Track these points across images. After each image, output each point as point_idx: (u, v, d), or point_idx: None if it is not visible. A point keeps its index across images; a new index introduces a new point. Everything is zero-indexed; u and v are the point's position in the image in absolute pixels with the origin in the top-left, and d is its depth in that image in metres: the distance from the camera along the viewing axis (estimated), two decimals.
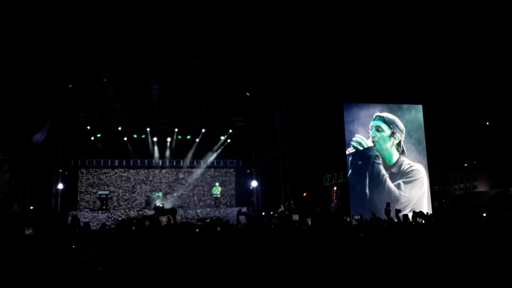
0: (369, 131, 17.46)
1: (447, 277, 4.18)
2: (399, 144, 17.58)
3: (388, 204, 13.72)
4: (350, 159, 17.06)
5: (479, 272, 3.98)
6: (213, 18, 13.12)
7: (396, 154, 17.47)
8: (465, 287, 3.97)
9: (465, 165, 23.82)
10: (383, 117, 17.70)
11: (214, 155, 22.24)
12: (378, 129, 17.54)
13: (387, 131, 17.55)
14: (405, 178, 17.33)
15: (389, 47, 15.75)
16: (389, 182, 17.10)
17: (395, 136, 17.57)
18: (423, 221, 7.08)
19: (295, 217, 15.57)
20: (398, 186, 17.19)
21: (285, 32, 14.33)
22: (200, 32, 13.91)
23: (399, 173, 17.35)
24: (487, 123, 21.41)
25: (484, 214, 15.56)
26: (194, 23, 13.33)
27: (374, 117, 17.65)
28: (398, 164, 17.45)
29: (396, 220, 7.12)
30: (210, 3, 12.54)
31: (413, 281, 4.26)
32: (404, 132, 17.71)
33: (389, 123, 17.64)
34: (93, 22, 12.94)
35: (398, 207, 14.53)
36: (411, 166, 17.51)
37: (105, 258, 3.88)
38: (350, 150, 17.12)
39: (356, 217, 9.16)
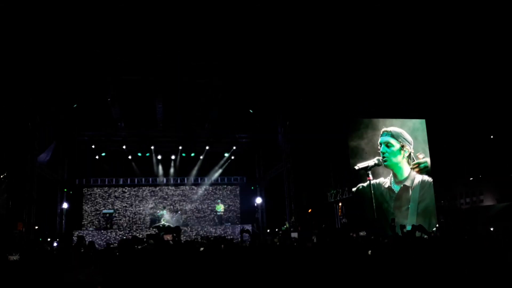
0: (378, 148, 17.37)
1: None
2: (409, 156, 17.51)
3: (393, 220, 13.62)
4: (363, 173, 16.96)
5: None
6: (216, 33, 13.25)
7: (408, 168, 17.38)
8: None
9: (471, 179, 23.65)
10: (390, 131, 17.64)
11: (218, 172, 22.24)
12: (387, 144, 17.43)
13: (396, 145, 17.48)
14: (421, 193, 17.25)
15: (392, 62, 15.82)
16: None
17: (404, 149, 17.51)
18: (426, 236, 7.03)
19: (294, 234, 15.43)
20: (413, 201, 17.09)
21: (288, 48, 14.45)
22: (203, 48, 14.04)
23: (413, 186, 17.23)
24: (491, 137, 21.33)
25: (492, 229, 15.41)
26: (196, 38, 13.47)
27: (381, 133, 17.58)
28: (411, 177, 17.35)
29: (400, 235, 7.07)
30: (212, 18, 12.67)
31: None
32: (412, 144, 17.65)
33: (397, 137, 17.58)
34: (98, 40, 13.10)
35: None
36: (425, 182, 17.45)
37: (104, 277, 3.86)
38: (361, 165, 16.98)
39: (362, 233, 9.12)
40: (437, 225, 16.81)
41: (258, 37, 13.59)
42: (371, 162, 17.05)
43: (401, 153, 17.47)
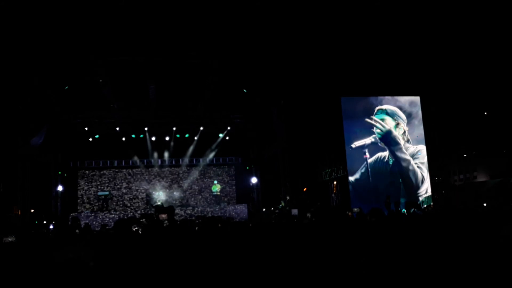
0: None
1: (446, 271, 4.17)
2: (404, 133, 17.64)
3: (388, 197, 13.71)
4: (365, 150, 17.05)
5: (476, 266, 3.97)
6: (208, 15, 13.07)
7: (402, 143, 17.56)
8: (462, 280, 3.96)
9: (464, 155, 23.82)
10: (385, 109, 17.69)
11: (213, 153, 22.22)
12: (382, 121, 17.57)
13: (391, 122, 17.58)
14: (416, 160, 17.43)
15: (385, 39, 15.70)
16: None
17: (399, 126, 17.63)
18: (419, 212, 7.08)
19: (294, 211, 15.56)
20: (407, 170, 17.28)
21: (280, 27, 14.27)
22: (195, 28, 13.85)
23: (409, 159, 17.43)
24: (485, 113, 21.40)
25: (485, 204, 15.58)
26: (189, 19, 13.28)
27: (376, 111, 17.62)
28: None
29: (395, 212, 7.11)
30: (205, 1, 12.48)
31: (412, 275, 4.24)
32: (406, 121, 17.75)
33: (392, 114, 17.67)
34: (88, 21, 12.87)
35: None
36: (417, 149, 17.62)
37: (96, 254, 3.85)
38: (358, 143, 17.06)
39: (356, 209, 9.18)
40: (431, 203, 17.00)
41: (251, 16, 13.41)
42: (367, 140, 17.13)
43: (396, 130, 17.58)
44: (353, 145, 17.09)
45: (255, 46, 15.12)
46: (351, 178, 17.01)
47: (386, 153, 17.30)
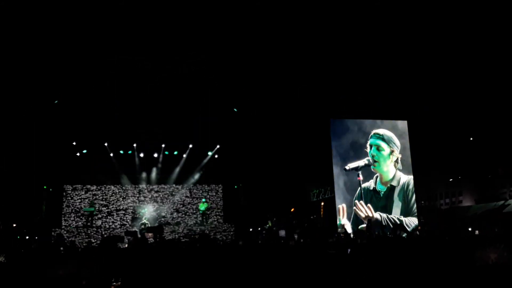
0: (367, 149, 17.52)
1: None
2: (397, 161, 17.73)
3: (369, 221, 13.80)
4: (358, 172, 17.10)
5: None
6: (200, 32, 13.24)
7: (393, 169, 17.62)
8: None
9: (450, 180, 24.06)
10: (382, 135, 17.72)
11: (202, 171, 22.11)
12: (378, 148, 17.61)
13: (386, 149, 17.67)
14: (407, 193, 17.50)
15: (373, 63, 16.00)
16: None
17: (393, 154, 17.71)
18: (405, 235, 7.14)
19: (282, 233, 15.51)
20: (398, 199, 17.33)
21: (272, 47, 14.49)
22: (188, 42, 14.00)
23: (398, 186, 17.45)
24: (471, 139, 21.75)
25: (470, 229, 15.70)
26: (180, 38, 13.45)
27: (372, 134, 17.70)
28: (396, 177, 17.57)
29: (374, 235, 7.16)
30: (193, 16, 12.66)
31: None
32: (399, 148, 17.86)
33: (388, 141, 17.74)
34: (82, 29, 12.94)
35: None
36: (408, 179, 17.70)
37: (89, 271, 3.82)
38: (352, 165, 17.11)
39: (340, 230, 9.24)
40: (418, 226, 17.08)
41: (243, 33, 13.62)
42: (361, 163, 17.22)
43: (390, 157, 17.68)
44: (347, 167, 17.12)
45: (247, 64, 15.30)
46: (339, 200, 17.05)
47: (375, 178, 17.37)
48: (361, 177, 17.06)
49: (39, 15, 12.01)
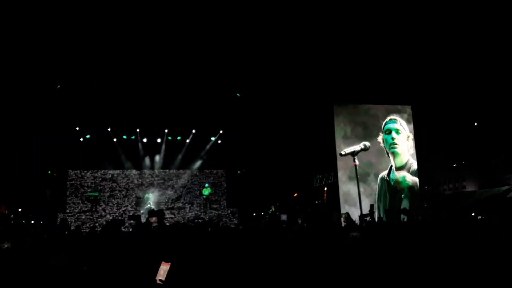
0: (380, 134, 17.51)
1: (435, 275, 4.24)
2: (411, 146, 17.78)
3: (372, 206, 13.81)
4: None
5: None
6: (200, 23, 13.16)
7: (407, 155, 17.63)
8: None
9: (454, 165, 24.03)
10: (399, 120, 17.78)
11: (205, 156, 22.15)
12: (397, 131, 17.63)
13: (403, 133, 17.74)
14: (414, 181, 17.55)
15: (377, 48, 15.87)
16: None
17: (409, 139, 17.79)
18: (405, 219, 7.16)
19: (283, 217, 15.57)
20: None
21: (275, 33, 14.38)
22: (189, 34, 13.93)
23: (409, 172, 17.50)
24: (475, 124, 21.65)
25: (473, 214, 15.73)
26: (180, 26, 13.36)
27: (387, 120, 17.72)
28: (408, 164, 17.58)
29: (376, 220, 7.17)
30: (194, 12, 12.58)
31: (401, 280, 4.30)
32: (412, 133, 17.92)
33: (404, 126, 17.86)
34: (83, 21, 12.88)
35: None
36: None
37: (89, 259, 3.84)
38: (348, 150, 17.12)
39: (344, 215, 9.26)
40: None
41: (244, 24, 13.52)
42: (357, 147, 17.22)
43: (407, 141, 17.72)
44: (342, 152, 17.18)
45: (250, 51, 15.21)
46: (341, 184, 17.10)
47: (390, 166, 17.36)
48: (357, 162, 17.08)
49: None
